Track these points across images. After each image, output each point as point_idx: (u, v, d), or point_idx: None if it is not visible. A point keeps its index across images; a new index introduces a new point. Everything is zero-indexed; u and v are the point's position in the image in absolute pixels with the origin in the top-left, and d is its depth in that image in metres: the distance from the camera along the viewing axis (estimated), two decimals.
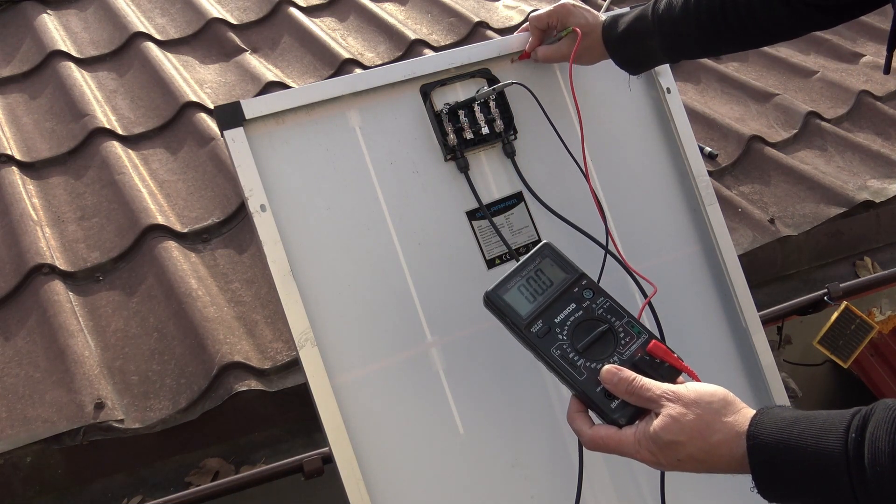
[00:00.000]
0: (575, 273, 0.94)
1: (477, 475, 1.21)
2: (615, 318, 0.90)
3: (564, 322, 0.90)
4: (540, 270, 0.94)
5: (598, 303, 0.91)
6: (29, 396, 1.58)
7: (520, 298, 0.92)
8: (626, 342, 0.88)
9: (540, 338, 0.89)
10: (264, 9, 2.89)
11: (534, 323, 0.90)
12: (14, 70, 2.53)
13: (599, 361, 0.86)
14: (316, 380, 1.13)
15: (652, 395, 0.80)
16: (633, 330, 0.89)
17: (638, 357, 0.87)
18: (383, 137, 1.26)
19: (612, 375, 0.84)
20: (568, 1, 1.29)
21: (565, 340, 0.88)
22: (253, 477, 1.56)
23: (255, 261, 1.89)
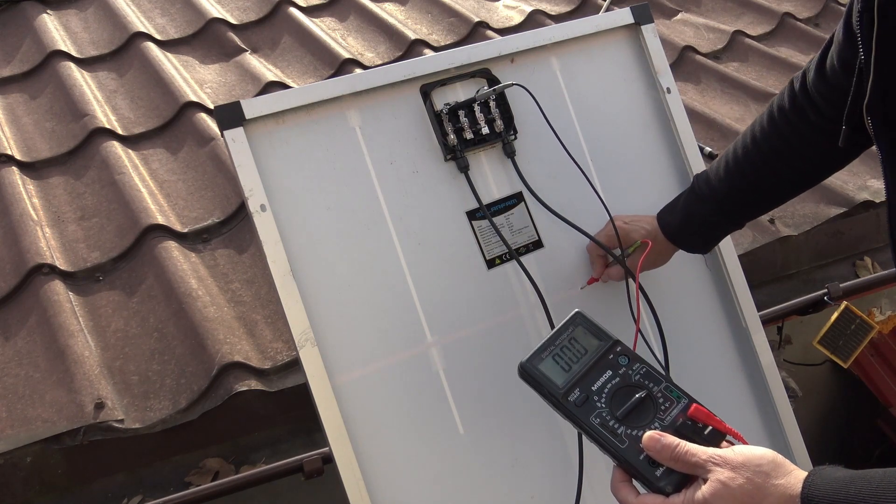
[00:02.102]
0: (609, 340, 0.93)
1: (477, 475, 1.21)
2: (653, 383, 0.89)
3: (602, 390, 0.88)
4: (574, 339, 0.93)
5: (634, 369, 0.90)
6: (29, 396, 1.58)
7: (555, 368, 0.90)
8: (666, 407, 0.87)
9: (578, 406, 0.87)
10: (264, 9, 2.89)
11: (571, 392, 0.88)
12: (14, 70, 2.53)
13: (640, 429, 0.85)
14: (316, 380, 1.13)
15: (698, 460, 0.79)
16: (673, 395, 0.88)
17: (680, 422, 0.85)
18: (383, 137, 1.26)
19: (654, 442, 0.82)
20: (615, 217, 1.30)
21: (604, 408, 0.87)
22: (253, 477, 1.56)
23: (255, 261, 1.89)
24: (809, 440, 1.43)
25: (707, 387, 1.40)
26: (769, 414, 1.43)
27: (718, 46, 3.08)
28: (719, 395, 1.41)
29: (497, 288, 1.29)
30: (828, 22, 3.37)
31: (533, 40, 1.38)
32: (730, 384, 1.43)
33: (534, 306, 1.29)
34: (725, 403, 1.41)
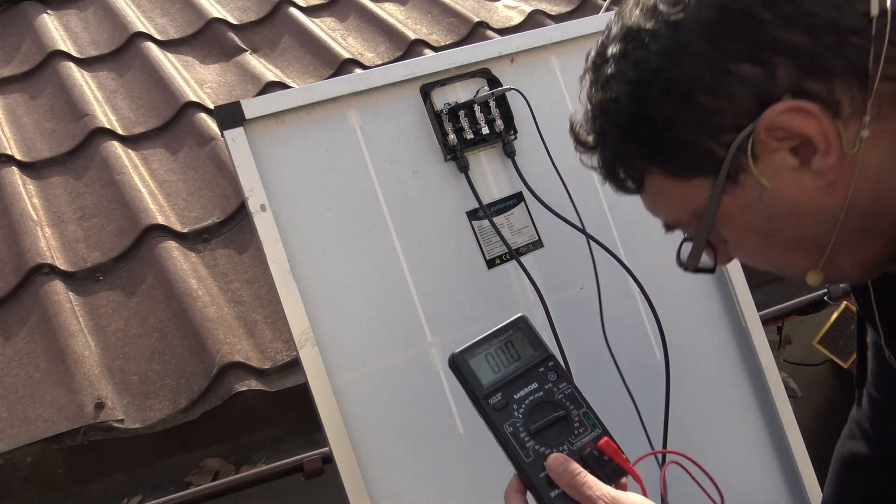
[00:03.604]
0: (544, 353, 0.92)
1: (477, 475, 1.21)
2: (573, 406, 0.88)
3: (523, 400, 0.88)
4: (511, 343, 0.92)
5: (559, 387, 0.89)
6: (29, 396, 1.58)
7: (484, 367, 0.90)
8: (579, 433, 0.86)
9: (496, 411, 0.87)
10: (264, 9, 2.89)
11: (493, 395, 0.88)
12: (14, 70, 2.53)
13: (549, 447, 0.85)
14: (316, 380, 1.13)
15: (591, 493, 0.79)
16: (589, 422, 0.87)
17: (587, 451, 0.85)
18: (383, 137, 1.26)
19: (559, 464, 0.82)
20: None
21: (520, 419, 0.87)
22: (253, 477, 1.56)
23: (255, 261, 1.89)
24: (809, 440, 1.43)
25: (707, 387, 1.40)
26: (769, 414, 1.43)
27: None
28: (719, 396, 1.41)
29: (497, 288, 1.29)
30: None
31: (533, 40, 1.38)
32: (730, 384, 1.43)
33: (534, 306, 1.29)
34: (725, 403, 1.41)
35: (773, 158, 0.69)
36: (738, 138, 0.68)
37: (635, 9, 0.73)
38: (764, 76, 0.67)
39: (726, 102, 0.68)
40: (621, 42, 0.73)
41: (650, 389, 1.30)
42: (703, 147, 0.71)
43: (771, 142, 0.68)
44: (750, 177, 0.70)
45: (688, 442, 1.33)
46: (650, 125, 0.72)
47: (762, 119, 0.67)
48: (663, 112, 0.71)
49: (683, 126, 0.71)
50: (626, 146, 0.76)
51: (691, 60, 0.68)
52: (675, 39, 0.69)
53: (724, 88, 0.68)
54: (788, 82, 0.66)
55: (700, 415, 1.37)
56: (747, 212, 0.73)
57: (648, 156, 0.75)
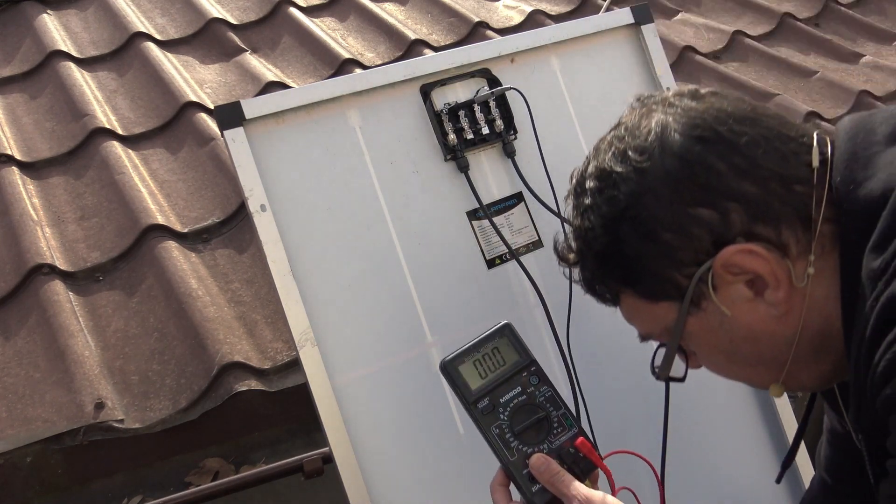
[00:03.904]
0: (527, 359, 1.00)
1: (477, 475, 1.21)
2: (553, 407, 0.97)
3: (508, 403, 0.96)
4: (497, 349, 0.99)
5: (541, 391, 0.98)
6: (29, 396, 1.58)
7: (473, 373, 0.97)
8: (557, 432, 0.95)
9: (484, 414, 0.95)
10: (264, 9, 2.89)
11: (481, 399, 0.96)
12: (14, 70, 2.53)
13: (530, 446, 0.94)
14: (316, 380, 1.13)
15: (568, 492, 0.87)
16: (567, 422, 0.97)
17: (565, 449, 0.94)
18: (383, 137, 1.26)
19: (540, 463, 0.91)
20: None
21: (505, 421, 0.95)
22: (253, 477, 1.56)
23: (255, 261, 1.89)
24: (809, 440, 1.43)
25: (707, 387, 1.40)
26: (769, 414, 1.43)
27: (718, 46, 3.08)
28: (719, 396, 1.41)
29: (497, 288, 1.29)
30: (828, 22, 3.37)
31: (533, 40, 1.38)
32: (730, 384, 1.43)
33: (534, 306, 1.29)
34: (725, 403, 1.41)
35: (731, 290, 0.78)
36: (699, 272, 0.77)
37: (608, 151, 0.83)
38: (719, 220, 0.76)
39: (686, 241, 0.77)
40: (596, 180, 0.83)
41: (650, 389, 1.30)
42: (668, 277, 0.80)
43: (727, 276, 0.77)
44: (711, 304, 0.79)
45: (688, 442, 1.33)
46: (621, 255, 0.82)
47: (718, 258, 0.76)
48: (632, 245, 0.80)
49: (650, 258, 0.80)
50: (601, 269, 0.86)
51: (655, 203, 0.78)
52: (641, 184, 0.79)
53: (684, 228, 0.77)
54: (741, 226, 0.75)
55: (700, 415, 1.37)
56: (711, 333, 0.82)
57: (621, 280, 0.85)
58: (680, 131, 0.78)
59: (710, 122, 0.78)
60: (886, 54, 3.16)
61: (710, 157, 0.76)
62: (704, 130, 0.78)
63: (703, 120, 0.78)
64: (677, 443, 1.29)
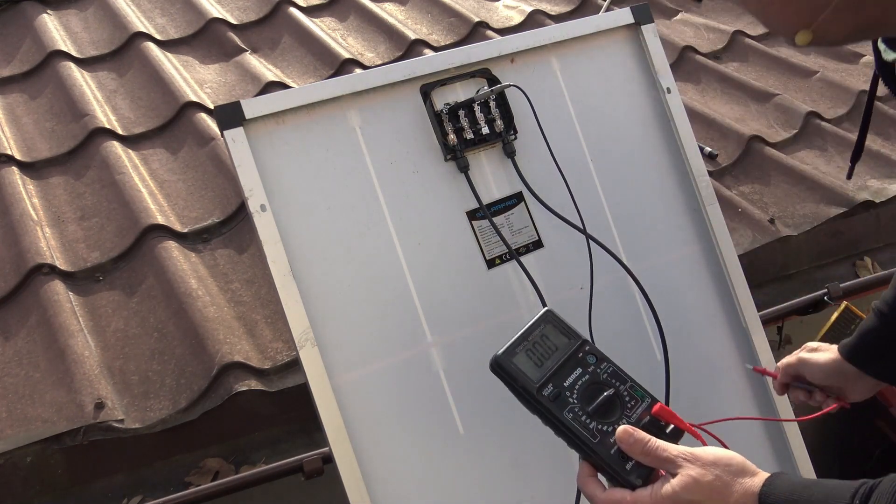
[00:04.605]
0: (579, 339, 0.96)
1: (477, 475, 1.21)
2: (619, 382, 0.93)
3: (573, 386, 0.92)
4: (545, 336, 0.96)
5: (602, 367, 0.94)
6: (29, 396, 1.58)
7: (528, 363, 0.93)
8: (632, 405, 0.91)
9: (552, 401, 0.90)
10: (264, 9, 2.89)
11: (545, 387, 0.91)
12: (14, 70, 2.53)
13: (609, 424, 0.89)
14: (316, 380, 1.13)
15: (668, 455, 0.82)
16: (637, 394, 0.93)
17: (646, 420, 0.90)
18: (383, 137, 1.26)
19: (627, 436, 0.85)
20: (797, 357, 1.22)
21: (576, 404, 0.90)
22: (253, 477, 1.56)
23: (255, 261, 1.89)
24: (809, 440, 1.43)
25: (707, 387, 1.40)
26: (769, 414, 1.43)
27: (718, 46, 3.08)
28: (719, 395, 1.41)
29: (497, 288, 1.29)
30: None
31: (533, 40, 1.38)
32: (730, 384, 1.43)
33: (534, 306, 1.29)
34: (726, 403, 1.41)
35: None
36: None
37: None
38: None
39: None
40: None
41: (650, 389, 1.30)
42: None
43: None
44: None
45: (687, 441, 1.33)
46: None
47: None
48: None
49: None
50: None
51: None
52: None
53: None
54: None
55: (700, 415, 1.37)
56: None
57: None
58: None
59: None
60: None
61: None
62: None
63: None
64: None
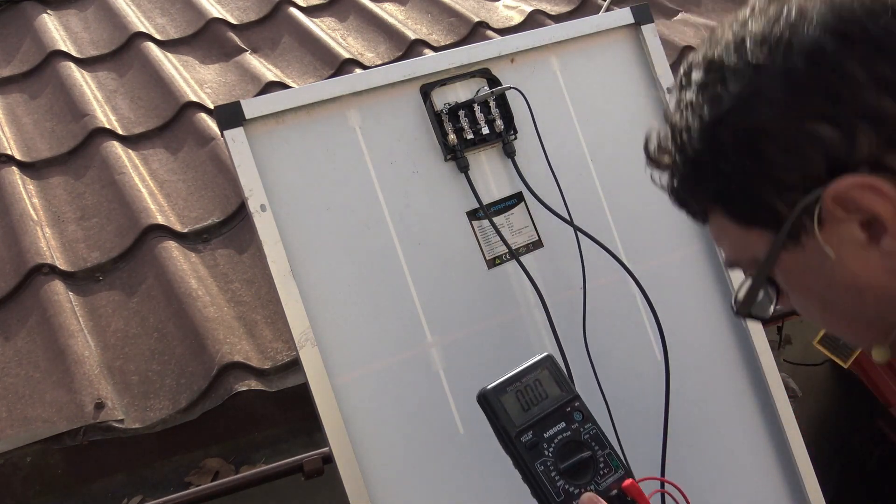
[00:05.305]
0: (570, 393, 0.95)
1: (477, 475, 1.21)
2: (598, 447, 0.92)
3: (552, 439, 0.91)
4: (539, 381, 0.95)
5: (585, 427, 0.93)
6: (29, 396, 1.58)
7: (515, 405, 0.93)
8: (604, 473, 0.90)
9: (528, 449, 0.90)
10: (264, 9, 2.89)
11: (524, 433, 0.91)
12: (14, 70, 2.53)
13: (576, 486, 0.88)
14: (316, 380, 1.13)
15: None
16: (613, 463, 0.91)
17: (613, 492, 0.89)
18: (383, 137, 1.26)
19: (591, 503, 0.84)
20: None
21: (550, 458, 0.90)
22: (253, 477, 1.56)
23: (255, 261, 1.89)
24: (809, 440, 1.43)
25: (707, 387, 1.40)
26: (769, 414, 1.43)
27: None
28: (719, 395, 1.41)
29: (497, 288, 1.29)
30: None
31: (533, 40, 1.38)
32: (730, 384, 1.43)
33: (534, 306, 1.29)
34: (726, 403, 1.41)
35: (840, 229, 0.63)
36: (804, 201, 0.63)
37: (728, 33, 0.68)
38: (842, 140, 0.61)
39: (797, 161, 0.63)
40: (703, 72, 0.69)
41: (650, 389, 1.30)
42: (766, 201, 0.66)
43: (839, 211, 0.62)
44: (813, 241, 0.65)
45: (687, 442, 1.33)
46: (716, 167, 0.68)
47: (831, 188, 0.61)
48: (730, 157, 0.67)
49: (748, 176, 0.66)
50: (691, 180, 0.73)
51: (766, 109, 0.64)
52: (753, 83, 0.64)
53: (795, 146, 0.63)
54: (868, 152, 0.60)
55: (700, 415, 1.37)
56: (806, 274, 0.69)
57: (712, 196, 0.72)
58: (819, 22, 0.62)
59: (859, 15, 0.61)
60: None
61: (848, 61, 0.60)
62: (850, 24, 0.61)
63: (851, 11, 0.61)
64: (677, 443, 1.30)
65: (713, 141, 0.67)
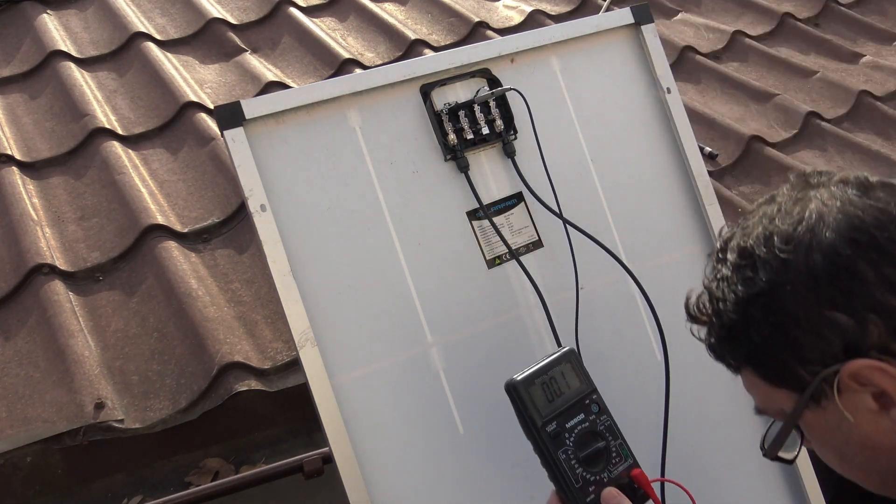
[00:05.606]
0: (590, 386, 1.03)
1: (477, 475, 1.21)
2: (612, 437, 1.00)
3: (573, 429, 0.98)
4: (562, 374, 1.02)
5: (601, 419, 1.01)
6: (29, 396, 1.58)
7: (541, 396, 0.99)
8: (615, 462, 0.98)
9: (552, 438, 0.97)
10: (264, 9, 2.89)
11: (549, 423, 0.98)
12: (14, 70, 2.53)
13: (592, 474, 0.96)
14: (316, 380, 1.13)
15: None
16: (623, 452, 1.00)
17: (624, 480, 0.98)
18: (383, 137, 1.26)
19: (612, 498, 0.93)
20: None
21: (570, 447, 0.97)
22: (253, 477, 1.56)
23: (255, 261, 1.89)
24: None
25: (707, 387, 1.40)
26: None
27: (718, 46, 3.08)
28: (719, 395, 1.41)
29: (497, 288, 1.29)
30: (828, 22, 3.37)
31: (533, 40, 1.38)
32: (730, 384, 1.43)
33: (534, 306, 1.29)
34: (725, 403, 1.41)
35: (855, 398, 0.75)
36: (824, 373, 0.75)
37: (758, 227, 0.80)
38: (855, 328, 0.72)
39: (816, 341, 0.74)
40: (738, 256, 0.81)
41: (650, 389, 1.30)
42: (791, 369, 0.77)
43: (854, 384, 0.73)
44: (832, 405, 0.76)
45: (687, 442, 1.33)
46: (747, 336, 0.80)
47: (847, 367, 0.73)
48: (760, 330, 0.78)
49: (776, 347, 0.78)
50: (726, 342, 0.84)
51: (791, 297, 0.75)
52: (780, 274, 0.76)
53: (816, 328, 0.74)
54: (877, 339, 0.72)
55: (700, 414, 1.37)
56: (827, 430, 0.79)
57: (744, 357, 0.84)
58: (834, 228, 0.74)
59: (868, 225, 0.73)
60: (886, 54, 3.16)
61: (860, 262, 0.73)
62: (861, 233, 0.74)
63: (861, 221, 0.74)
64: (677, 443, 1.29)
65: (746, 315, 0.79)
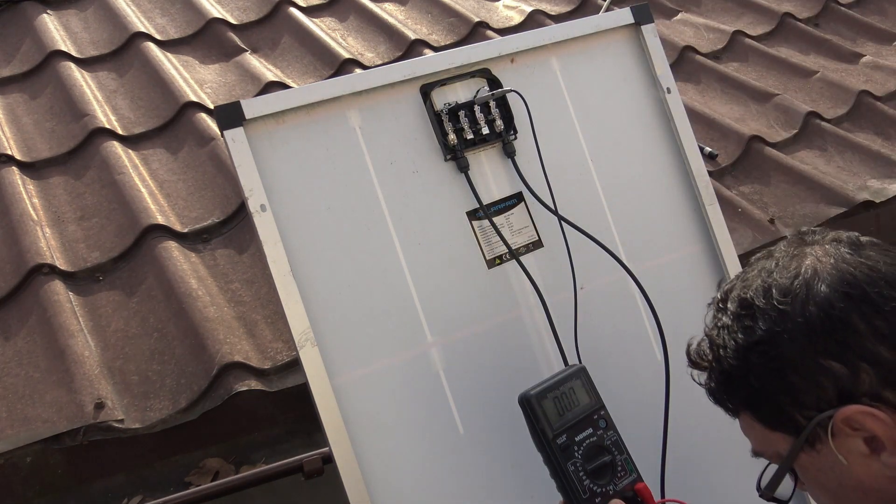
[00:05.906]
0: (598, 403, 1.08)
1: (477, 475, 1.21)
2: (618, 452, 1.05)
3: (582, 443, 1.03)
4: (573, 390, 1.07)
5: (608, 434, 1.06)
6: (29, 396, 1.58)
7: (553, 411, 1.04)
8: (620, 475, 1.03)
9: (562, 451, 1.02)
10: (264, 9, 2.89)
11: (560, 436, 1.02)
12: (14, 70, 2.53)
13: (599, 486, 1.01)
14: (316, 380, 1.13)
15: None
16: (629, 467, 1.04)
17: (628, 494, 1.02)
18: (383, 137, 1.26)
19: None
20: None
21: (579, 459, 1.02)
22: (253, 477, 1.56)
23: (255, 261, 1.89)
24: None
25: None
26: None
27: (718, 46, 3.08)
28: None
29: (497, 288, 1.29)
30: (828, 22, 3.37)
31: (533, 40, 1.38)
32: None
33: (534, 306, 1.29)
34: None
35: (848, 442, 0.79)
36: (818, 417, 0.79)
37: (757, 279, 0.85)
38: (848, 376, 0.77)
39: (812, 387, 0.79)
40: (738, 306, 0.85)
41: (650, 389, 1.30)
42: (788, 413, 0.82)
43: (847, 429, 0.78)
44: (826, 448, 0.80)
45: (687, 442, 1.33)
46: (746, 381, 0.84)
47: (840, 412, 0.77)
48: (759, 376, 0.82)
49: (773, 392, 0.82)
50: (725, 386, 0.88)
51: (789, 345, 0.80)
52: (779, 324, 0.81)
53: (812, 375, 0.79)
54: (869, 387, 0.76)
55: (700, 414, 1.36)
56: (821, 472, 0.83)
57: (742, 401, 0.88)
58: (828, 283, 0.80)
59: (860, 280, 0.79)
60: (886, 54, 3.16)
61: (852, 315, 0.77)
62: (853, 288, 0.79)
63: (853, 276, 0.79)
64: (677, 443, 1.29)
65: (746, 361, 0.83)
